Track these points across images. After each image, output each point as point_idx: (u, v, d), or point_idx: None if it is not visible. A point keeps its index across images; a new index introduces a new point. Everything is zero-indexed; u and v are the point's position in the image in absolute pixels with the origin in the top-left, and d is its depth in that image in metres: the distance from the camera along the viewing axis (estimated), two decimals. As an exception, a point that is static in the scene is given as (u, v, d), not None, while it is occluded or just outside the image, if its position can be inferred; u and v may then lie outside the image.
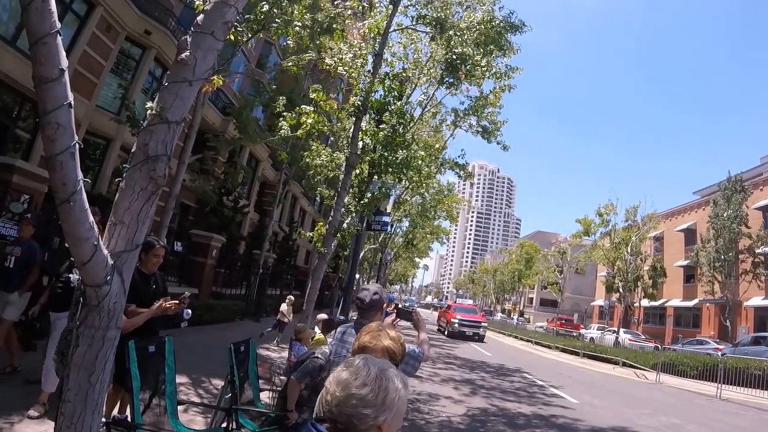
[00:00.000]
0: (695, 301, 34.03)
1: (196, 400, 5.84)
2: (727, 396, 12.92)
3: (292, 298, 12.56)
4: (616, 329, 31.43)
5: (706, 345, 23.30)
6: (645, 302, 36.24)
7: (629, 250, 30.95)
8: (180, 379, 4.74)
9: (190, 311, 4.13)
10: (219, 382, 6.75)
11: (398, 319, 3.38)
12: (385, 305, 3.11)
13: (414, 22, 10.66)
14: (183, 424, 3.71)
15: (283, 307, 11.83)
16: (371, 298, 2.99)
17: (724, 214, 29.11)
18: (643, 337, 31.03)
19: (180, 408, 3.91)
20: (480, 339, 25.30)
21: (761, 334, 21.02)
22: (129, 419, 3.53)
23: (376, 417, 1.14)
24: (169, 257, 12.74)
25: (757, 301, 28.33)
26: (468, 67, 10.27)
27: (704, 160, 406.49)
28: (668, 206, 42.12)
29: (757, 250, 27.96)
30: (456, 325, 25.09)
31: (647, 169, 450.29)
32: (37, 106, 1.90)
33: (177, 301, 3.91)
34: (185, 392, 6.06)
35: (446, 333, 26.13)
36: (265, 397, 5.02)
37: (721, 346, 22.06)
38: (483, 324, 26.25)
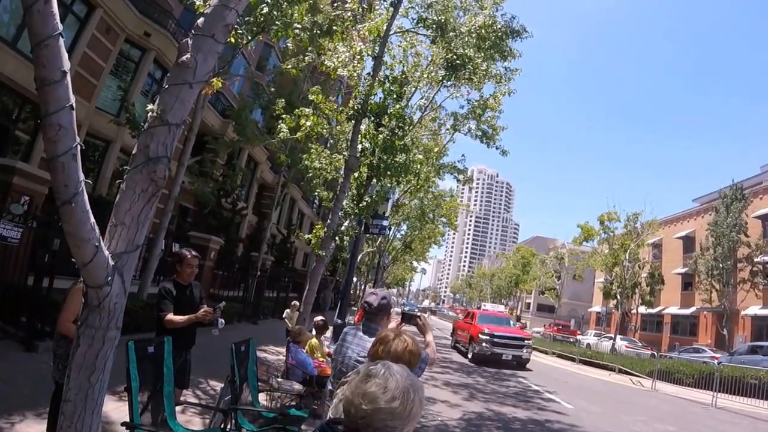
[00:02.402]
0: (693, 309, 34.03)
1: (193, 400, 5.84)
2: (722, 404, 12.92)
3: (297, 303, 11.60)
4: (612, 336, 31.41)
5: (703, 353, 23.29)
6: (642, 309, 36.27)
7: (627, 257, 30.93)
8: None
9: (223, 321, 4.43)
10: (215, 383, 6.76)
11: (404, 324, 3.37)
12: (391, 310, 3.11)
13: (415, 25, 10.69)
14: (181, 425, 3.72)
15: (287, 312, 11.28)
16: (379, 302, 2.99)
17: (724, 222, 29.15)
18: (640, 344, 31.00)
19: (178, 408, 3.92)
20: (522, 365, 16.52)
21: (758, 344, 21.03)
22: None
23: (402, 429, 1.16)
24: (167, 258, 12.76)
25: (755, 310, 28.29)
26: (469, 70, 10.30)
27: (704, 168, 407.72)
28: (666, 213, 42.08)
29: (756, 259, 28.00)
30: (485, 344, 16.14)
31: (648, 176, 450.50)
32: (37, 108, 1.91)
33: (212, 309, 4.30)
34: (183, 393, 6.06)
35: (470, 355, 16.82)
36: (262, 398, 5.03)
37: (717, 355, 22.06)
38: (527, 341, 17.26)
